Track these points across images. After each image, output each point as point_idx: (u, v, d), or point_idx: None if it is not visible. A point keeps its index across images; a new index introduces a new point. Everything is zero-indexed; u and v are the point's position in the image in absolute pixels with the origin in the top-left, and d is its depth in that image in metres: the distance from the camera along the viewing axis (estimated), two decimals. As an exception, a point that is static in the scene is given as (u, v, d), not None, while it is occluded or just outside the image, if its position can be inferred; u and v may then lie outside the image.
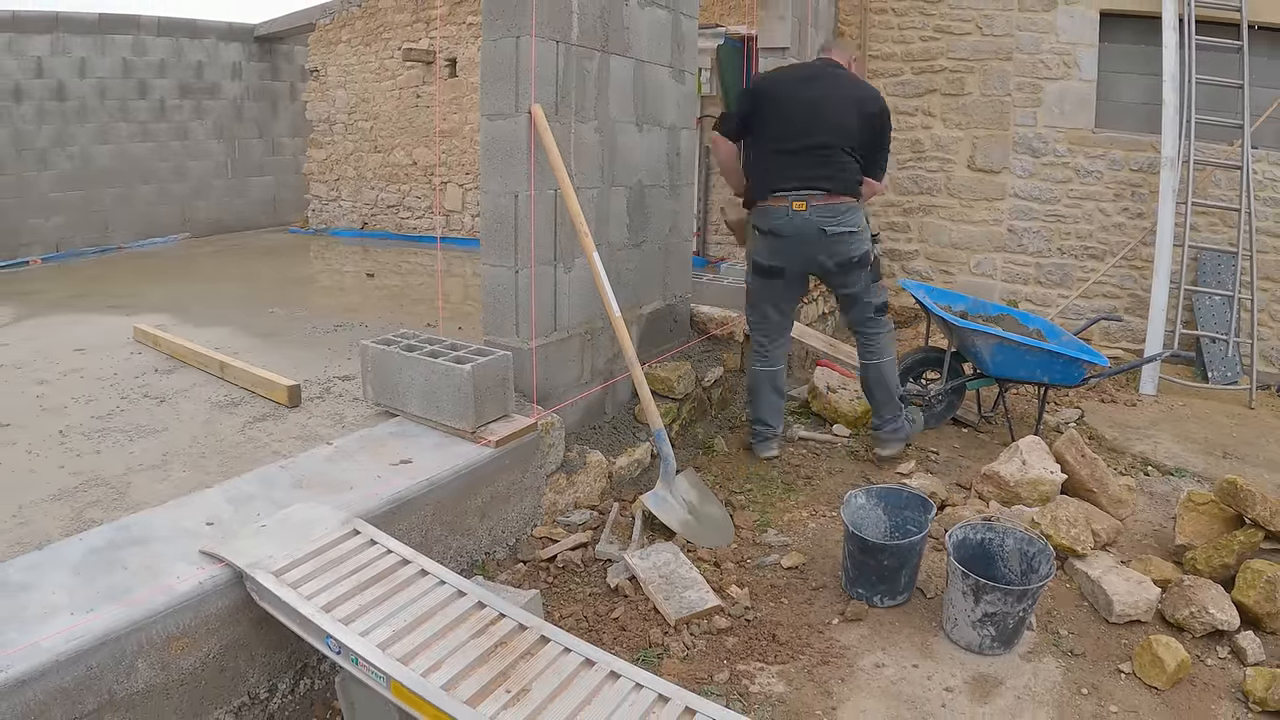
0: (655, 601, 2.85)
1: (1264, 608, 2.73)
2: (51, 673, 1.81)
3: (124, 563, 2.20)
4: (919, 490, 3.36)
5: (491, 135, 3.34)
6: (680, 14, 4.26)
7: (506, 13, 3.22)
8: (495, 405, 3.18)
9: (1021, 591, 2.60)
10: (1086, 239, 6.40)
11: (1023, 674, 2.58)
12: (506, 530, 3.16)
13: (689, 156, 4.55)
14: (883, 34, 6.86)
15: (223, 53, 10.19)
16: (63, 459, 3.06)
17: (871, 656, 2.66)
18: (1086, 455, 3.56)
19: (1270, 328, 5.96)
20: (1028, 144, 6.48)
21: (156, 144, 9.62)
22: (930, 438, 4.44)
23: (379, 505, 2.62)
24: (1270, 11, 5.73)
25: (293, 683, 2.34)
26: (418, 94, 9.09)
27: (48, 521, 2.56)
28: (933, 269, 6.96)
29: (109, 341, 4.71)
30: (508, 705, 1.89)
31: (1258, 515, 2.91)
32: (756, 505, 3.64)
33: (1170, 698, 2.50)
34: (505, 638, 2.10)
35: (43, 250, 8.45)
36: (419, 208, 9.41)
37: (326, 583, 2.19)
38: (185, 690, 2.07)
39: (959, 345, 4.45)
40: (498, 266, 3.42)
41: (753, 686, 2.51)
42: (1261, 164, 5.86)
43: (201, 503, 2.58)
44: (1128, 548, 3.31)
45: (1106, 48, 6.23)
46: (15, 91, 8.31)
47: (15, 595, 2.03)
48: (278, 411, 3.56)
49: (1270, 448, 4.56)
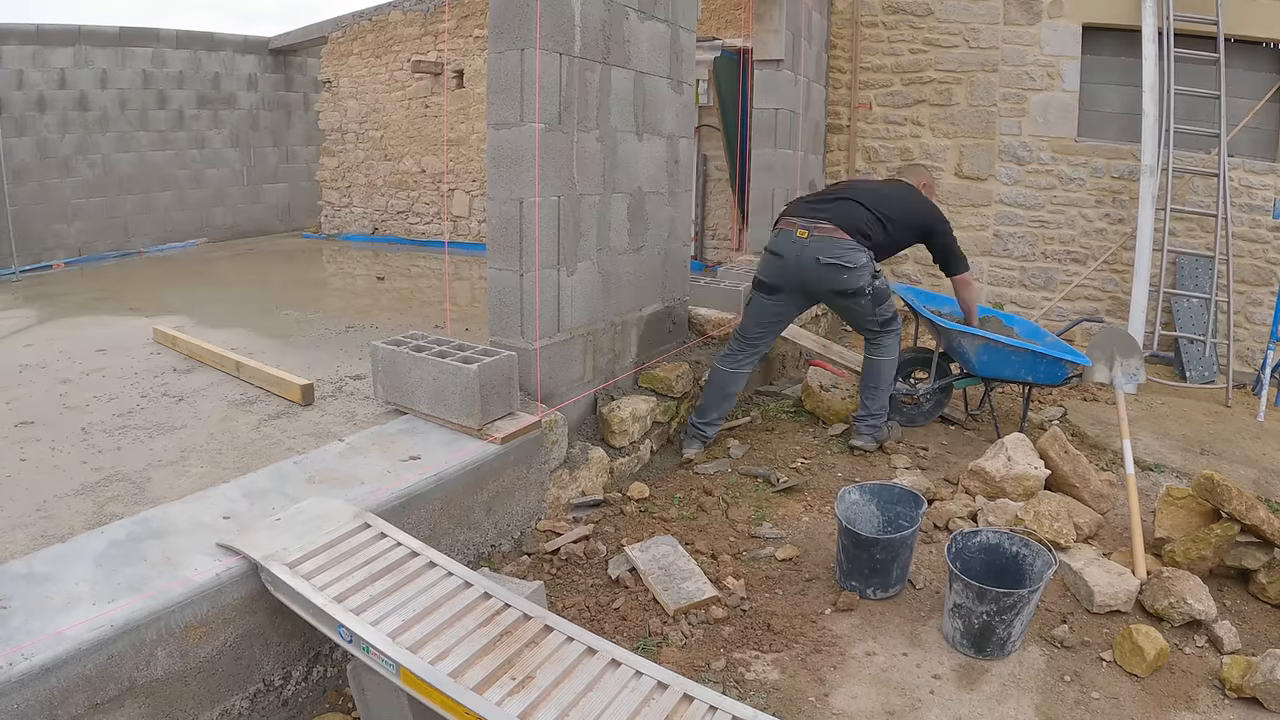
0: (654, 592, 2.85)
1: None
2: (74, 661, 1.81)
3: (144, 555, 2.20)
4: (910, 486, 3.36)
5: (498, 144, 3.34)
6: (679, 27, 4.26)
7: (512, 26, 3.22)
8: (501, 403, 3.18)
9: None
10: (1069, 244, 6.40)
11: (1008, 662, 2.58)
12: (511, 524, 3.16)
13: (687, 164, 4.55)
14: (873, 46, 6.86)
15: (239, 64, 10.19)
16: (85, 455, 3.06)
17: (863, 645, 2.66)
18: (1069, 452, 3.56)
19: (1246, 329, 5.97)
20: (1013, 152, 6.48)
21: (175, 152, 9.61)
22: (919, 435, 4.44)
23: (389, 500, 2.62)
24: (1246, 25, 5.74)
25: (306, 670, 2.34)
26: (426, 104, 9.09)
27: (71, 515, 2.56)
28: (921, 273, 6.96)
29: (129, 342, 4.71)
30: (513, 692, 1.88)
31: (1233, 509, 2.91)
32: (751, 500, 3.64)
33: (1150, 685, 2.50)
34: (510, 627, 2.10)
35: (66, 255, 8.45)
36: (427, 214, 9.41)
37: (339, 574, 2.19)
38: (203, 677, 2.07)
39: (946, 346, 4.45)
40: (503, 270, 3.42)
41: (748, 674, 2.51)
42: (1237, 171, 5.87)
43: (218, 497, 2.58)
44: (1109, 540, 3.31)
45: (1089, 60, 6.23)
46: (39, 102, 8.31)
47: (39, 586, 2.03)
48: (292, 409, 3.56)
49: (1245, 444, 4.56)
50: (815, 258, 3.85)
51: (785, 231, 3.97)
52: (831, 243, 3.85)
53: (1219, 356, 5.77)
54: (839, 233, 3.87)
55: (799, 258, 3.88)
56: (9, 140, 7.99)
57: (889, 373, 4.11)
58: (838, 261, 3.84)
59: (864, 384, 4.17)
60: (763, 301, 4.08)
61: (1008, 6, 6.34)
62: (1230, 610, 2.89)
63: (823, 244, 3.85)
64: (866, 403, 4.13)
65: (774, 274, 4.01)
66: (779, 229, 4.04)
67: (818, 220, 3.90)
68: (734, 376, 4.11)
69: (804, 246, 3.87)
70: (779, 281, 4.00)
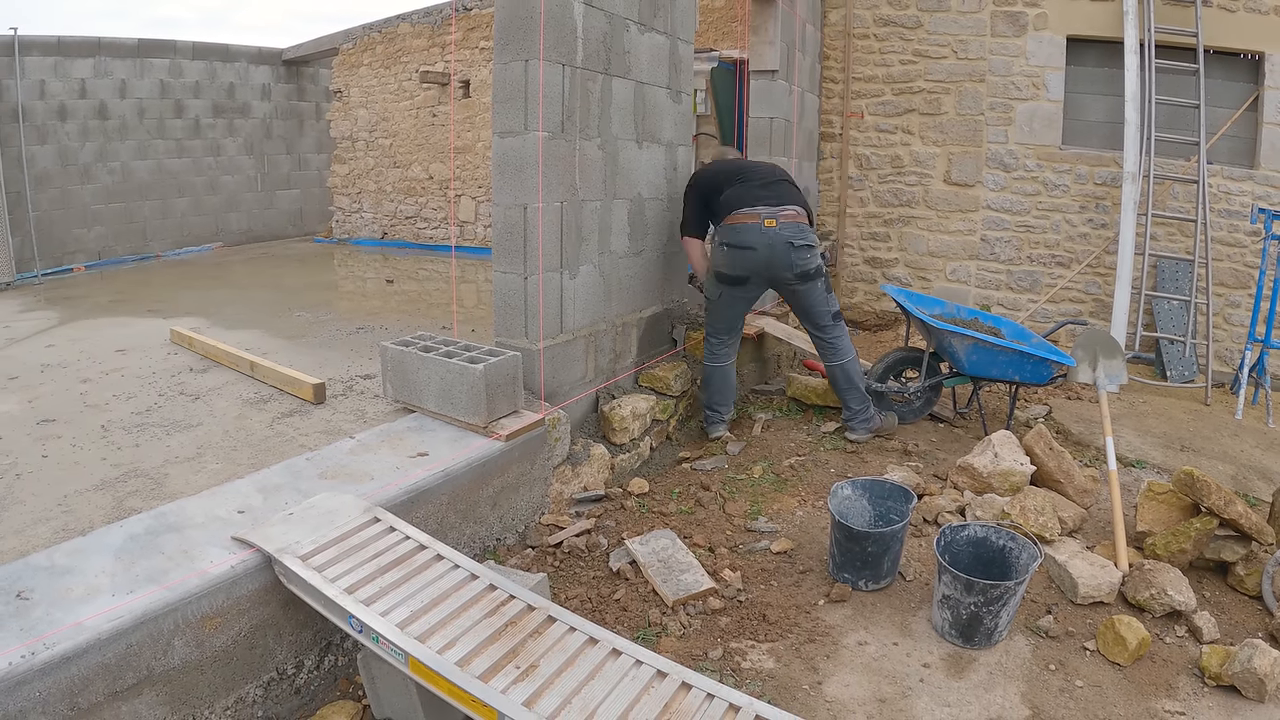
0: (654, 584, 2.85)
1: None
2: (94, 650, 1.81)
3: (161, 548, 2.20)
4: (900, 482, 3.36)
5: (503, 151, 3.34)
6: (677, 39, 4.26)
7: (516, 38, 3.22)
8: (506, 402, 3.18)
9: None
10: (1054, 248, 6.40)
11: (995, 651, 2.58)
12: (516, 518, 3.16)
13: (685, 171, 4.55)
14: (865, 58, 6.86)
15: (253, 75, 10.19)
16: (104, 452, 3.06)
17: (855, 635, 2.66)
18: (1054, 448, 3.56)
19: (1224, 330, 5.97)
20: (1000, 160, 6.48)
21: (192, 160, 9.61)
22: (909, 432, 4.44)
23: (398, 494, 2.62)
24: (1224, 37, 5.74)
25: (318, 659, 2.35)
26: (434, 113, 9.09)
27: (91, 510, 2.56)
28: (911, 275, 6.96)
29: (147, 343, 4.71)
30: (517, 680, 1.89)
31: (1212, 504, 2.91)
32: (747, 495, 3.64)
33: (1132, 673, 2.50)
34: (515, 618, 2.10)
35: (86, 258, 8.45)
36: (435, 219, 9.40)
37: (349, 566, 2.19)
38: (218, 666, 2.07)
39: (936, 346, 4.44)
40: (508, 273, 3.42)
41: (744, 663, 2.51)
42: (1216, 178, 5.86)
43: (233, 492, 2.58)
44: (1092, 534, 3.30)
45: (1073, 70, 6.23)
46: (61, 111, 8.31)
47: (60, 578, 2.03)
48: (304, 408, 3.56)
49: (1224, 441, 4.56)
50: (788, 242, 3.89)
51: (750, 225, 3.90)
52: (797, 227, 3.94)
53: (1198, 357, 5.77)
54: (801, 216, 3.97)
55: (771, 246, 3.89)
56: (31, 148, 7.98)
57: (855, 368, 4.18)
58: (806, 242, 3.94)
59: (838, 391, 4.21)
60: (733, 294, 4.06)
61: (995, 19, 6.34)
62: (1209, 601, 2.89)
63: (791, 229, 3.91)
64: (849, 403, 4.20)
65: (744, 266, 3.96)
66: (740, 224, 3.92)
67: (778, 207, 3.92)
68: (728, 368, 4.22)
69: (775, 235, 3.88)
70: (747, 272, 3.98)
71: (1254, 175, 5.83)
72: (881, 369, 4.58)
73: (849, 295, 7.17)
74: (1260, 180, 5.80)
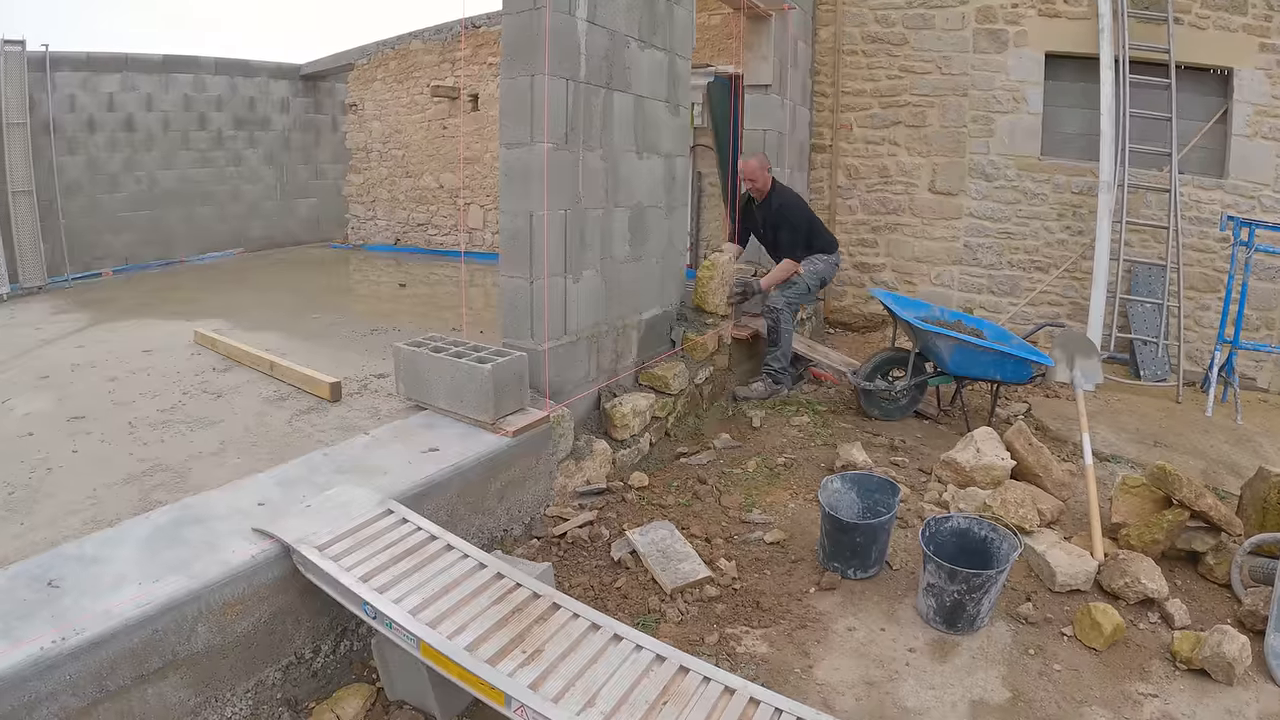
0: (653, 573, 2.85)
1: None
2: (121, 635, 1.81)
3: (185, 539, 2.20)
4: (887, 476, 3.35)
5: (509, 162, 3.34)
6: (675, 55, 4.26)
7: (523, 55, 3.22)
8: (513, 400, 3.18)
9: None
10: (1033, 253, 6.40)
11: (977, 637, 2.58)
12: (522, 510, 3.16)
13: (683, 180, 4.55)
14: (854, 73, 6.85)
15: (272, 89, 10.18)
16: (131, 447, 3.06)
17: (844, 621, 2.66)
18: (1033, 444, 3.56)
19: (1195, 331, 5.96)
20: (981, 170, 6.47)
21: (214, 169, 9.61)
22: (895, 428, 4.44)
23: (410, 488, 2.62)
24: (1195, 53, 5.74)
25: (334, 644, 2.35)
26: (444, 125, 9.08)
27: (118, 502, 2.56)
28: (898, 280, 6.95)
29: (172, 343, 4.71)
30: (524, 664, 1.89)
31: (1184, 497, 2.91)
32: (742, 488, 3.64)
33: (1107, 657, 2.50)
34: (521, 605, 2.10)
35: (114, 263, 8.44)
36: (445, 226, 9.40)
37: (364, 556, 2.19)
38: (239, 651, 2.07)
39: (922, 346, 4.44)
40: (515, 278, 3.42)
41: (739, 647, 2.51)
42: (1188, 187, 5.86)
43: (254, 486, 2.58)
44: (1070, 525, 3.30)
45: (1051, 85, 6.23)
46: (90, 123, 8.31)
47: (90, 567, 2.04)
48: (321, 405, 3.56)
49: (1195, 437, 4.56)
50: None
51: (832, 256, 4.98)
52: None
53: (1171, 357, 5.77)
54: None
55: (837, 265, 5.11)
56: (61, 159, 7.98)
57: (785, 342, 4.72)
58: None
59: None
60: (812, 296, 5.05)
61: (977, 36, 6.34)
62: (1181, 589, 2.89)
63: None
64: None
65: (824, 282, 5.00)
66: (829, 255, 4.89)
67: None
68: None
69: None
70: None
71: (1223, 184, 5.82)
72: (869, 369, 4.59)
73: (839, 299, 7.17)
74: (1229, 189, 5.80)
